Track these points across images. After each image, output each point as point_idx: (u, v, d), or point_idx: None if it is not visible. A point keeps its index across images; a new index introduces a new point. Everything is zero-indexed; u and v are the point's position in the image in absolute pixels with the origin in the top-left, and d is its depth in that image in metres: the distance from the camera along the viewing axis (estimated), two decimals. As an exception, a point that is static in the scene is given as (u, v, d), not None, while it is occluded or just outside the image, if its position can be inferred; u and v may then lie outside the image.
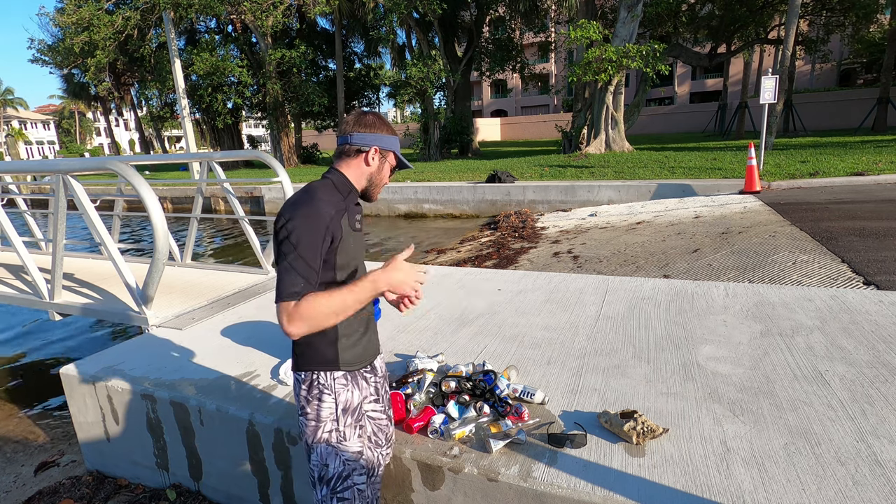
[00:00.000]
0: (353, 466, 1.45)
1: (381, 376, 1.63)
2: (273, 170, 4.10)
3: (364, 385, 1.52)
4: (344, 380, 1.46)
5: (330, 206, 1.35)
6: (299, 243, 1.27)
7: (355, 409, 1.47)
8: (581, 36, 14.99)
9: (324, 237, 1.31)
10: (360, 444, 1.48)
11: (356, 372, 1.49)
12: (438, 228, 10.40)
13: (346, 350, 1.46)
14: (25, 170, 5.29)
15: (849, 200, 7.20)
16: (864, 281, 4.04)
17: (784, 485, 1.50)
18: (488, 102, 52.47)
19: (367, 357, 1.53)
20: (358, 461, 1.46)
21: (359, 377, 1.50)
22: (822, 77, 36.01)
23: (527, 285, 3.63)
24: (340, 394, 1.45)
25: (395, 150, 1.48)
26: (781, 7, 18.99)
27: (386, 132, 1.46)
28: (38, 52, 23.85)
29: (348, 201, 1.43)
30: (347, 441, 1.45)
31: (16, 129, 59.49)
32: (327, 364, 1.44)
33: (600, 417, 1.85)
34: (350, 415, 1.46)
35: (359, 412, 1.48)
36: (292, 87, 21.50)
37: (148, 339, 2.98)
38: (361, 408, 1.49)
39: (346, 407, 1.45)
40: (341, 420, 1.44)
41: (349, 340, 1.47)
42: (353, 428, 1.46)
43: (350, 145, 1.43)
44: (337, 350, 1.44)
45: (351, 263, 1.44)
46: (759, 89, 10.39)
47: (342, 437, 1.44)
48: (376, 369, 1.59)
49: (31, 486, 2.72)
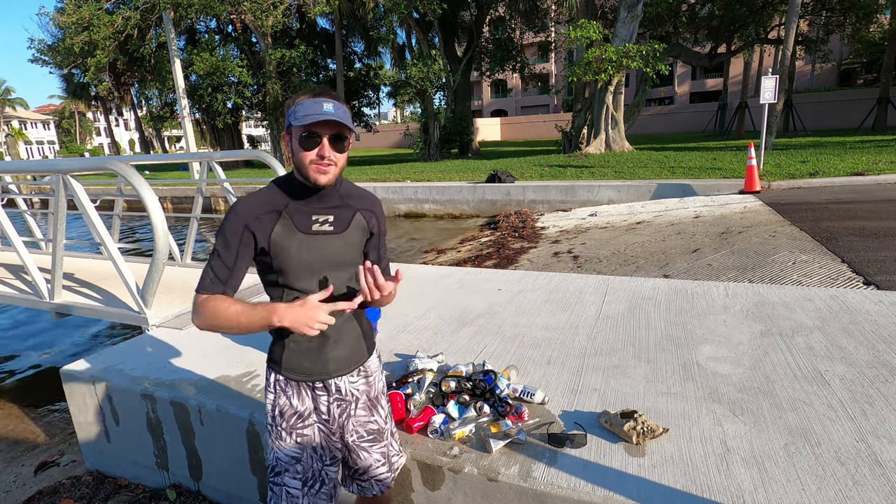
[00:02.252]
0: (284, 467, 1.41)
1: (342, 399, 1.45)
2: (273, 170, 4.10)
3: (304, 399, 1.41)
4: (284, 384, 1.40)
5: (259, 205, 1.28)
6: (216, 240, 1.29)
7: (290, 416, 1.41)
8: (581, 36, 14.99)
9: (241, 237, 1.26)
10: (298, 450, 1.41)
11: (301, 383, 1.41)
12: (438, 228, 10.40)
13: (290, 356, 1.39)
14: (25, 170, 5.29)
15: (849, 200, 7.20)
16: (864, 281, 4.04)
17: (784, 485, 1.49)
18: (488, 102, 52.47)
19: (316, 373, 1.40)
20: (292, 465, 1.41)
21: (302, 389, 1.41)
22: (822, 77, 36.02)
23: (527, 285, 3.63)
24: (279, 396, 1.41)
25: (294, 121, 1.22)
26: (781, 7, 18.99)
27: (301, 100, 1.24)
28: (38, 52, 23.86)
29: (298, 201, 1.30)
30: (282, 440, 1.41)
31: (16, 129, 59.51)
32: (273, 362, 1.42)
33: (600, 417, 1.85)
34: (284, 419, 1.41)
35: (296, 421, 1.41)
36: (292, 87, 21.49)
37: (148, 339, 2.98)
38: (299, 418, 1.41)
39: (282, 410, 1.41)
40: (277, 420, 1.42)
41: (298, 347, 1.38)
42: (288, 432, 1.41)
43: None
44: (282, 353, 1.39)
45: (297, 267, 1.31)
46: (759, 89, 10.39)
47: (278, 436, 1.42)
48: (331, 389, 1.43)
49: (31, 485, 2.72)
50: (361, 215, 1.40)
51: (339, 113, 1.22)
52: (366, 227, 1.41)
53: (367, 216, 1.41)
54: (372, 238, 1.45)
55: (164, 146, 35.18)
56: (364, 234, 1.41)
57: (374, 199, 1.45)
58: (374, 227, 1.44)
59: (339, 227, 1.35)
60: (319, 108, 1.20)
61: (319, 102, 1.22)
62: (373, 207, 1.44)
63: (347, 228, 1.37)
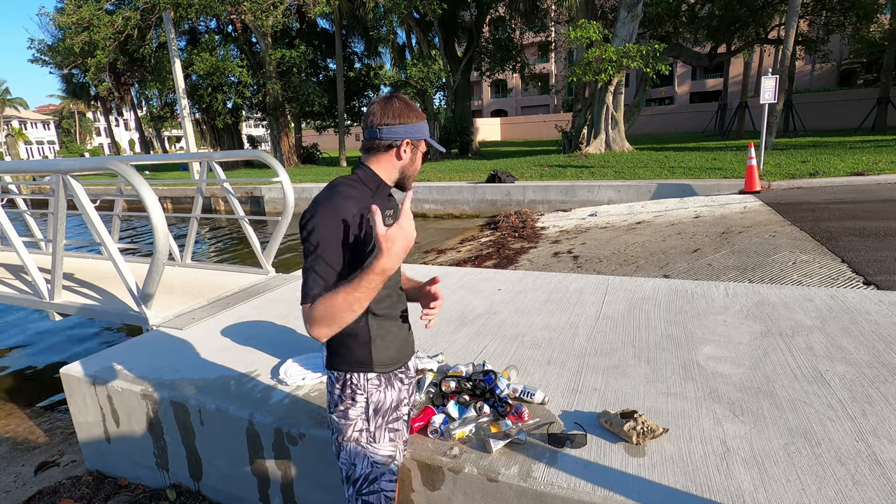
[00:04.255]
0: (381, 470, 1.41)
1: (413, 377, 1.58)
2: (273, 170, 4.10)
3: (399, 386, 1.48)
4: (377, 381, 1.42)
5: (353, 203, 1.28)
6: (319, 243, 1.22)
7: (387, 410, 1.43)
8: (581, 36, 14.99)
9: (345, 236, 1.25)
10: (392, 448, 1.43)
11: (391, 373, 1.45)
12: (438, 228, 10.40)
13: (379, 351, 1.41)
14: (25, 170, 5.29)
15: (849, 200, 7.20)
16: (864, 281, 4.04)
17: (784, 485, 1.49)
18: (488, 102, 52.46)
19: (402, 358, 1.48)
20: (388, 465, 1.42)
21: (393, 379, 1.46)
22: (822, 77, 36.00)
23: (527, 285, 3.63)
24: (373, 394, 1.41)
25: (425, 137, 1.39)
26: (781, 7, 18.99)
27: (415, 119, 1.35)
28: (38, 52, 23.88)
29: (378, 197, 1.37)
30: (377, 443, 1.42)
31: (16, 129, 59.52)
32: (361, 365, 1.40)
33: (600, 417, 1.85)
34: (381, 416, 1.42)
35: (391, 414, 1.44)
36: (292, 87, 21.50)
37: (148, 339, 2.98)
38: (393, 410, 1.45)
39: (378, 408, 1.42)
40: (372, 421, 1.41)
41: (383, 342, 1.42)
42: (383, 430, 1.42)
43: (380, 140, 1.33)
44: (370, 351, 1.40)
45: None
46: (759, 89, 10.39)
47: (372, 439, 1.41)
48: (410, 370, 1.55)
49: (31, 485, 2.72)
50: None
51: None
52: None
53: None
54: None
55: (164, 146, 35.17)
56: None
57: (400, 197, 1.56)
58: None
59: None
60: (429, 131, 1.41)
61: (427, 125, 1.41)
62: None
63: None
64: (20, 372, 4.74)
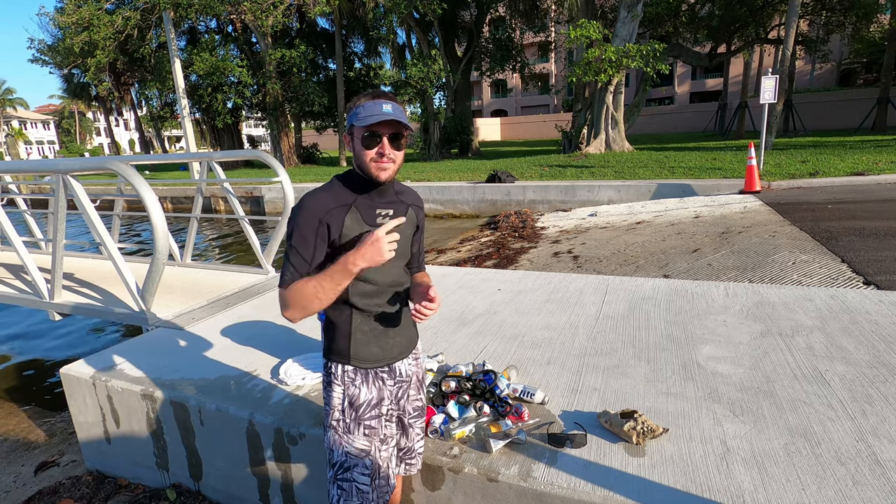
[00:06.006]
0: (354, 462, 1.45)
1: (402, 381, 1.54)
2: (273, 170, 4.10)
3: (380, 385, 1.49)
4: (353, 374, 1.46)
5: (330, 199, 1.34)
6: (292, 235, 1.33)
7: (362, 405, 1.46)
8: (581, 36, 14.98)
9: (316, 229, 1.31)
10: (367, 444, 1.46)
11: (369, 371, 1.47)
12: (438, 228, 10.40)
13: (359, 346, 1.45)
14: (25, 170, 5.29)
15: (849, 200, 7.20)
16: (864, 281, 4.04)
17: (784, 485, 1.49)
18: (488, 102, 52.46)
19: (385, 358, 1.49)
20: (361, 459, 1.45)
21: (373, 377, 1.48)
22: (822, 77, 36.00)
23: (527, 285, 3.63)
24: (349, 387, 1.46)
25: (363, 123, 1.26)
26: (781, 7, 19.00)
27: (359, 103, 1.30)
28: (38, 52, 23.87)
29: (363, 195, 1.37)
30: (352, 434, 1.45)
31: (16, 129, 59.52)
32: (339, 356, 1.46)
33: (600, 417, 1.85)
34: (355, 410, 1.46)
35: (368, 411, 1.47)
36: (292, 87, 21.49)
37: (148, 339, 2.98)
38: (371, 408, 1.47)
39: (353, 401, 1.46)
40: (347, 412, 1.46)
41: (364, 337, 1.45)
42: (358, 424, 1.46)
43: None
44: (349, 344, 1.45)
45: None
46: (759, 89, 10.39)
47: (347, 430, 1.46)
48: (397, 372, 1.52)
49: (31, 485, 2.72)
50: (412, 210, 1.50)
51: (397, 113, 1.29)
52: (415, 220, 1.52)
53: (417, 211, 1.52)
54: (417, 231, 1.55)
55: (164, 146, 35.14)
56: (413, 228, 1.51)
57: (418, 196, 1.56)
58: (420, 221, 1.56)
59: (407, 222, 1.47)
60: (379, 109, 1.27)
61: (379, 104, 1.28)
62: (419, 203, 1.55)
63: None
64: (20, 372, 4.74)
